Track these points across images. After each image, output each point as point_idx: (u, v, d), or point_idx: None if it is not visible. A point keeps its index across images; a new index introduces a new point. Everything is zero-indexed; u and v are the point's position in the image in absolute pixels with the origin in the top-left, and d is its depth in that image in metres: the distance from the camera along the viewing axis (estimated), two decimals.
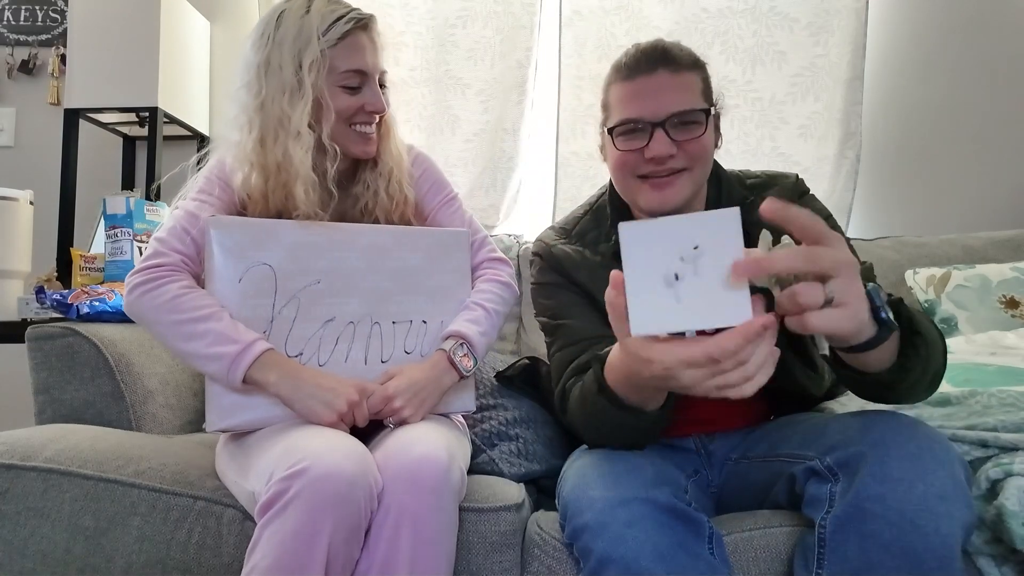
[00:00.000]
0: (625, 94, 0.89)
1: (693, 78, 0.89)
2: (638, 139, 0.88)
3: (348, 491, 0.72)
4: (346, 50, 0.97)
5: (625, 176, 0.92)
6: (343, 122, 0.99)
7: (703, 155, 0.89)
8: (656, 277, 0.48)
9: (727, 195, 0.96)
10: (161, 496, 0.89)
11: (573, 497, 0.78)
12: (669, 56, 0.88)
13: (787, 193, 0.94)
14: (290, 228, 0.94)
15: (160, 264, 0.93)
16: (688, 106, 0.87)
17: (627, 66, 0.90)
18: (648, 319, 0.49)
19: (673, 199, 0.88)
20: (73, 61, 1.78)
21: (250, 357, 0.86)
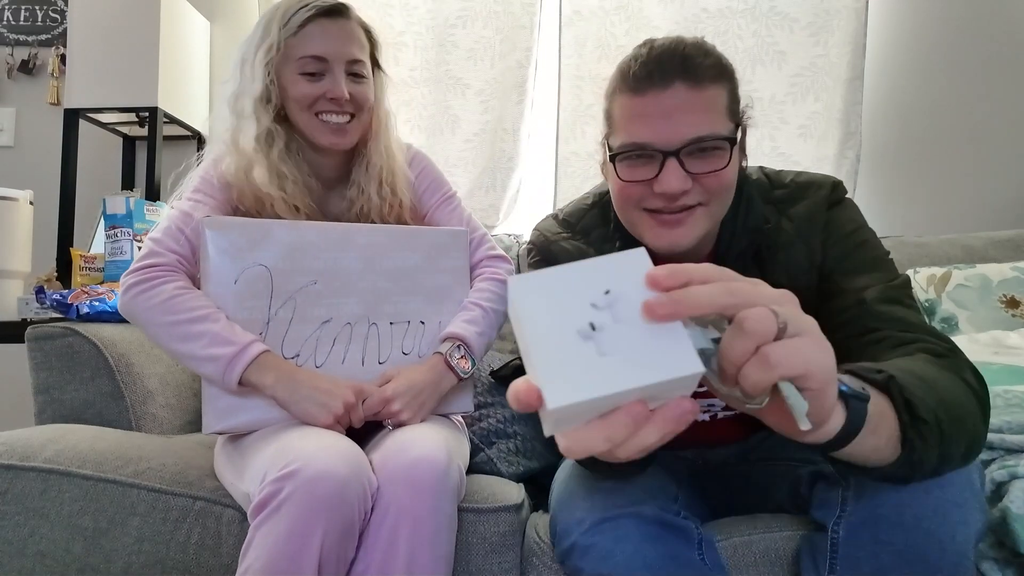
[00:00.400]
0: (632, 111, 0.74)
1: (717, 93, 0.73)
2: (646, 168, 0.73)
3: (341, 492, 0.72)
4: (305, 37, 0.97)
5: (629, 208, 0.78)
6: (306, 111, 0.98)
7: (724, 189, 0.75)
8: (567, 331, 0.35)
9: (744, 220, 0.81)
10: (160, 496, 0.89)
11: (560, 516, 0.77)
12: (689, 65, 0.71)
13: (815, 208, 0.81)
14: (286, 228, 0.94)
15: (155, 264, 0.93)
16: (708, 131, 0.71)
17: (636, 76, 0.73)
18: (569, 385, 0.34)
19: (685, 239, 0.75)
20: (73, 61, 1.78)
21: (246, 359, 0.86)
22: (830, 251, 0.78)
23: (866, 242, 0.79)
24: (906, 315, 0.70)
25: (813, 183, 0.83)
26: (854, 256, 0.78)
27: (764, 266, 0.80)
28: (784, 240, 0.80)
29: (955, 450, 0.55)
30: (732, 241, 0.81)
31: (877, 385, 0.51)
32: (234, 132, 0.99)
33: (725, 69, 0.75)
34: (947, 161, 1.82)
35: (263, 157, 0.97)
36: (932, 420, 0.52)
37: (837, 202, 0.82)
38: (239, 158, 0.97)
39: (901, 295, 0.73)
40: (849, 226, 0.80)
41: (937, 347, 0.65)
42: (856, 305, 0.72)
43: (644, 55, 0.74)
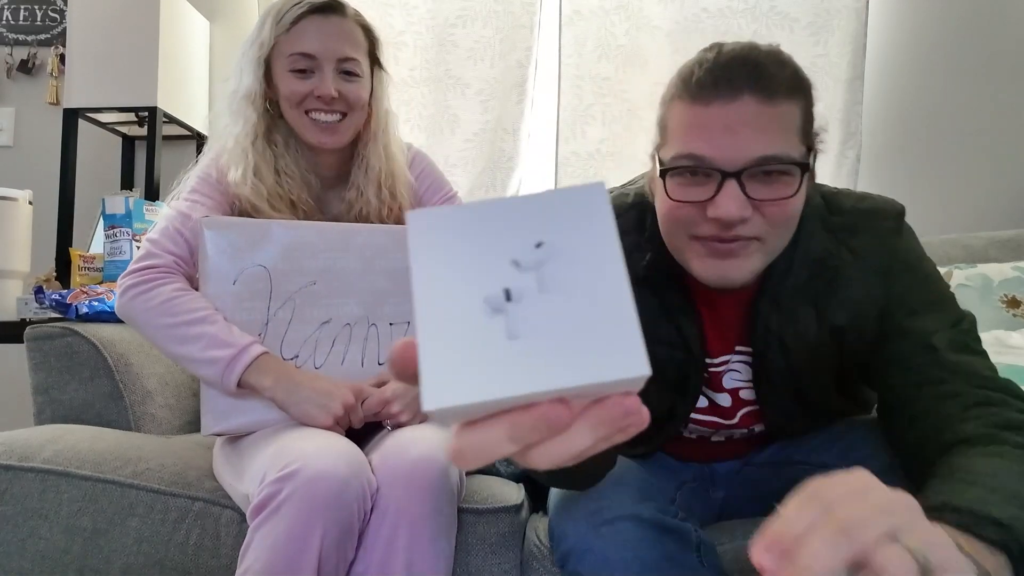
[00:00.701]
0: (691, 122, 0.65)
1: (791, 110, 0.64)
2: (701, 188, 0.64)
3: (340, 493, 0.72)
4: (296, 34, 0.96)
5: (676, 231, 0.68)
6: (296, 108, 0.98)
7: (786, 223, 0.66)
8: (470, 298, 0.25)
9: (805, 250, 0.72)
10: (159, 497, 0.89)
11: (558, 519, 0.77)
12: (762, 76, 0.62)
13: (880, 241, 0.73)
14: (284, 228, 0.94)
15: (153, 266, 0.92)
16: (778, 152, 0.62)
17: (700, 82, 0.64)
18: (454, 379, 0.24)
19: (738, 273, 0.66)
20: (72, 61, 1.78)
21: (245, 361, 0.86)
22: (893, 287, 0.71)
23: (929, 277, 0.72)
24: (979, 366, 0.66)
25: (877, 212, 0.74)
26: (917, 293, 0.71)
27: (820, 302, 0.73)
28: (845, 276, 0.72)
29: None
30: (788, 274, 0.73)
31: (991, 542, 0.46)
32: (227, 129, 0.99)
33: (801, 83, 0.66)
34: (947, 161, 1.82)
35: (250, 153, 0.97)
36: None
37: (899, 233, 0.74)
38: (230, 155, 0.98)
39: (969, 340, 0.67)
40: (912, 259, 0.72)
41: (1015, 413, 0.60)
42: (924, 352, 0.67)
43: (711, 60, 0.64)
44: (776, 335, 0.74)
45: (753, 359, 0.77)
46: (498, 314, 0.25)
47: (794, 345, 0.74)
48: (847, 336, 0.74)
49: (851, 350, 0.74)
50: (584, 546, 0.71)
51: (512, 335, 0.24)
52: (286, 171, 0.99)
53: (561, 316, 0.25)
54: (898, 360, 0.69)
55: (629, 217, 0.79)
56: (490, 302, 0.25)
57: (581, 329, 0.25)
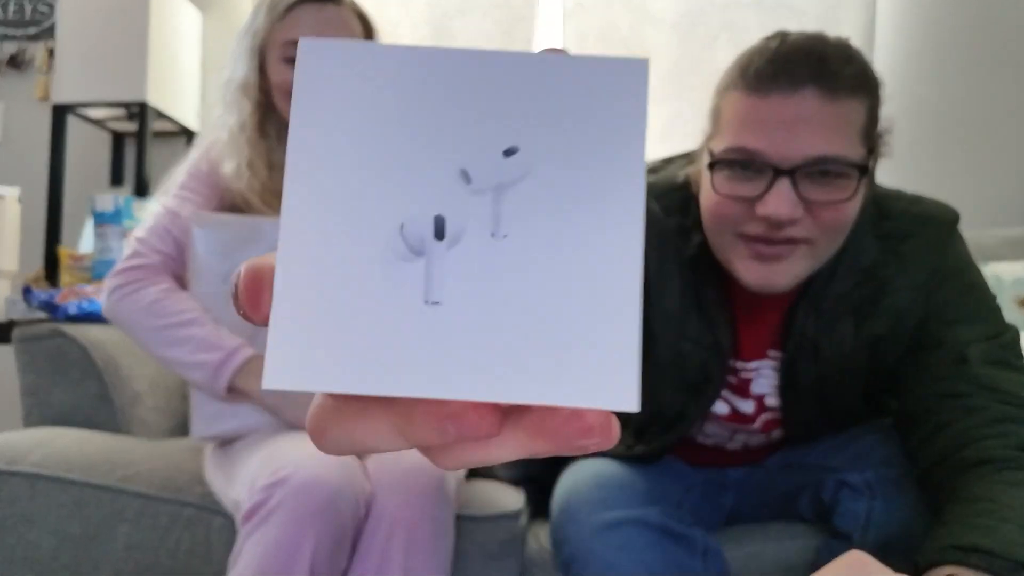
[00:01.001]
0: (747, 113, 0.61)
1: (855, 109, 0.60)
2: (751, 184, 0.61)
3: (332, 501, 0.71)
4: (289, 22, 0.94)
5: (721, 228, 0.65)
6: (287, 99, 0.94)
7: (840, 228, 0.63)
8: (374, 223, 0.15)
9: (853, 259, 0.69)
10: (149, 502, 0.87)
11: (560, 524, 0.76)
12: (827, 69, 0.59)
13: (929, 249, 0.70)
14: (277, 226, 0.91)
15: (140, 266, 0.90)
16: (837, 152, 0.59)
17: (759, 73, 0.60)
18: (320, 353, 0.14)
19: (782, 278, 0.63)
20: (62, 54, 1.75)
21: (234, 365, 0.84)
22: (935, 296, 0.69)
23: (973, 286, 0.69)
24: (1010, 382, 0.63)
25: (929, 218, 0.71)
26: (958, 302, 0.68)
27: (861, 312, 0.70)
28: (891, 284, 0.69)
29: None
30: (832, 280, 0.69)
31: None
32: (221, 120, 0.97)
33: (868, 81, 0.62)
34: (958, 157, 1.80)
35: (244, 146, 0.94)
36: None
37: (951, 240, 0.71)
38: (224, 147, 0.96)
39: (1008, 355, 0.65)
40: (959, 268, 0.70)
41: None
42: (954, 363, 0.65)
43: (772, 50, 0.61)
44: (811, 342, 0.71)
45: (783, 365, 0.74)
46: (416, 258, 0.15)
47: (828, 354, 0.71)
48: (882, 345, 0.71)
49: (884, 359, 0.72)
50: (587, 551, 0.70)
51: (430, 297, 0.15)
52: (280, 165, 0.97)
53: (518, 283, 0.15)
54: (927, 369, 0.67)
55: (678, 197, 0.73)
56: (407, 236, 0.15)
57: (545, 313, 0.14)
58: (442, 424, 0.15)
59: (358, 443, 0.16)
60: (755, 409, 0.78)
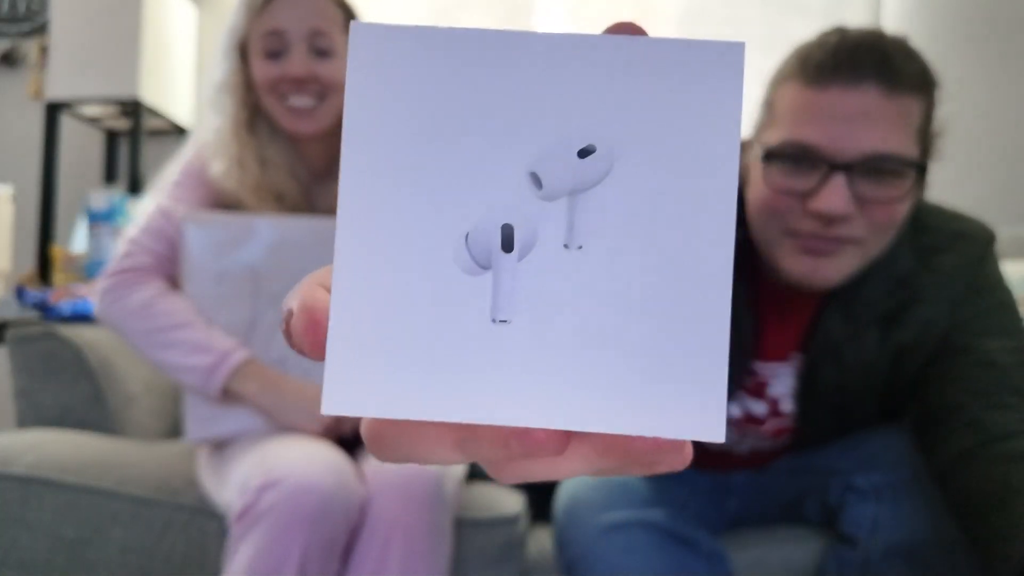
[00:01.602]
0: (804, 105, 0.61)
1: (914, 106, 0.60)
2: (804, 177, 0.60)
3: (324, 506, 0.70)
4: (266, 15, 0.92)
5: (769, 223, 0.64)
6: (270, 94, 0.92)
7: (890, 227, 0.62)
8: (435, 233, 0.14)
9: (888, 266, 0.68)
10: (144, 505, 0.87)
11: (564, 525, 0.75)
12: (889, 65, 0.59)
13: (964, 266, 0.70)
14: (271, 225, 0.90)
15: (131, 267, 0.89)
16: (894, 148, 0.59)
17: (819, 65, 0.60)
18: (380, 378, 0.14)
19: (829, 275, 0.63)
20: (54, 50, 1.74)
21: (227, 368, 0.83)
22: (963, 309, 0.69)
23: (1003, 305, 0.69)
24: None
25: (967, 236, 0.71)
26: (990, 317, 0.68)
27: (889, 320, 0.70)
28: (922, 296, 0.69)
29: None
30: (863, 286, 0.69)
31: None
32: (208, 121, 0.96)
33: (928, 80, 0.62)
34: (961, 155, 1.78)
35: (231, 145, 0.93)
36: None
37: (986, 259, 0.71)
38: (212, 148, 0.94)
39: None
40: (990, 285, 0.70)
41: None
42: (983, 367, 0.64)
43: (834, 43, 0.60)
44: (835, 347, 0.70)
45: (803, 369, 0.73)
46: (482, 272, 0.14)
47: (851, 361, 0.71)
48: (905, 357, 0.71)
49: (905, 371, 0.71)
50: (592, 553, 0.69)
51: (498, 315, 0.14)
52: (272, 161, 0.95)
53: (594, 300, 0.13)
54: (953, 371, 0.66)
55: None
56: (472, 247, 0.14)
57: (624, 335, 0.13)
58: (507, 441, 0.14)
59: (418, 456, 0.16)
60: (768, 411, 0.78)
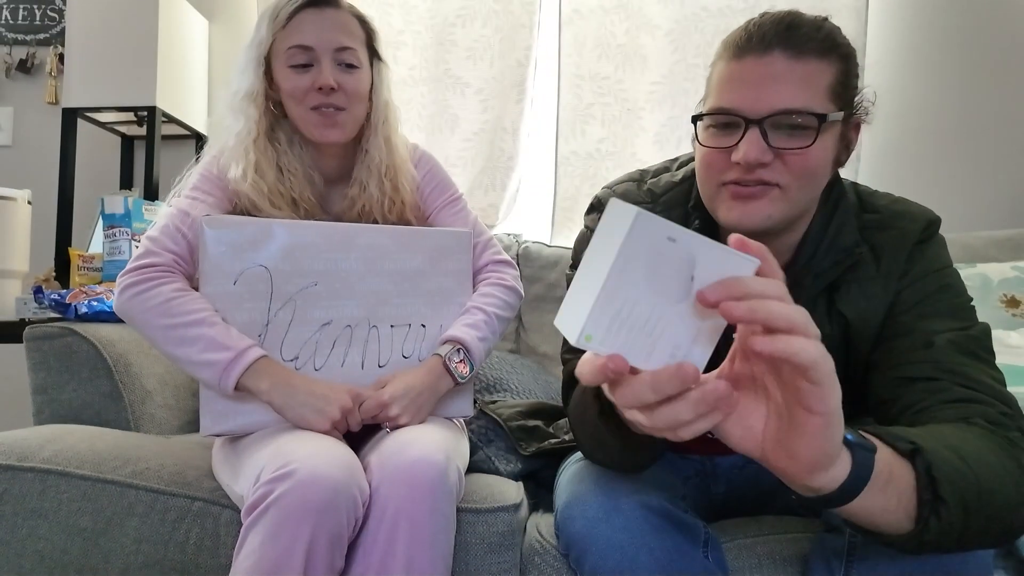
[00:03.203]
0: (727, 76, 0.70)
1: (821, 68, 0.67)
2: (729, 136, 0.69)
3: (332, 498, 0.72)
4: (292, 29, 0.97)
5: (708, 180, 0.73)
6: (300, 104, 0.97)
7: (806, 173, 0.69)
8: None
9: (834, 236, 0.75)
10: (159, 497, 0.88)
11: (566, 504, 0.77)
12: (793, 35, 0.67)
13: (902, 243, 0.75)
14: (286, 228, 0.93)
15: (152, 264, 0.92)
16: (799, 104, 0.66)
17: (737, 42, 0.70)
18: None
19: (755, 216, 0.69)
20: (71, 60, 1.78)
21: (242, 365, 0.85)
22: (906, 291, 0.73)
23: (949, 287, 0.73)
24: (977, 371, 0.65)
25: (907, 215, 0.77)
26: (932, 300, 0.72)
27: (837, 293, 0.75)
28: (863, 273, 0.74)
29: (981, 538, 0.53)
30: (815, 259, 0.75)
31: (902, 454, 0.50)
32: (228, 128, 0.99)
33: (838, 47, 0.69)
34: (947, 160, 1.82)
35: (251, 151, 0.97)
36: (955, 502, 0.50)
37: (926, 240, 0.76)
38: (231, 152, 0.98)
39: (975, 347, 0.67)
40: (934, 266, 0.74)
41: (996, 413, 0.60)
42: (922, 348, 0.67)
43: (752, 22, 0.71)
44: None
45: None
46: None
47: None
48: (852, 332, 0.74)
49: (857, 350, 0.74)
50: (592, 532, 0.71)
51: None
52: (288, 168, 0.99)
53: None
54: (895, 355, 0.69)
55: (679, 192, 0.83)
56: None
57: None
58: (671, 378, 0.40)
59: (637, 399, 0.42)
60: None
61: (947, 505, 0.49)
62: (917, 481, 0.50)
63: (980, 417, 0.60)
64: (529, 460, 1.07)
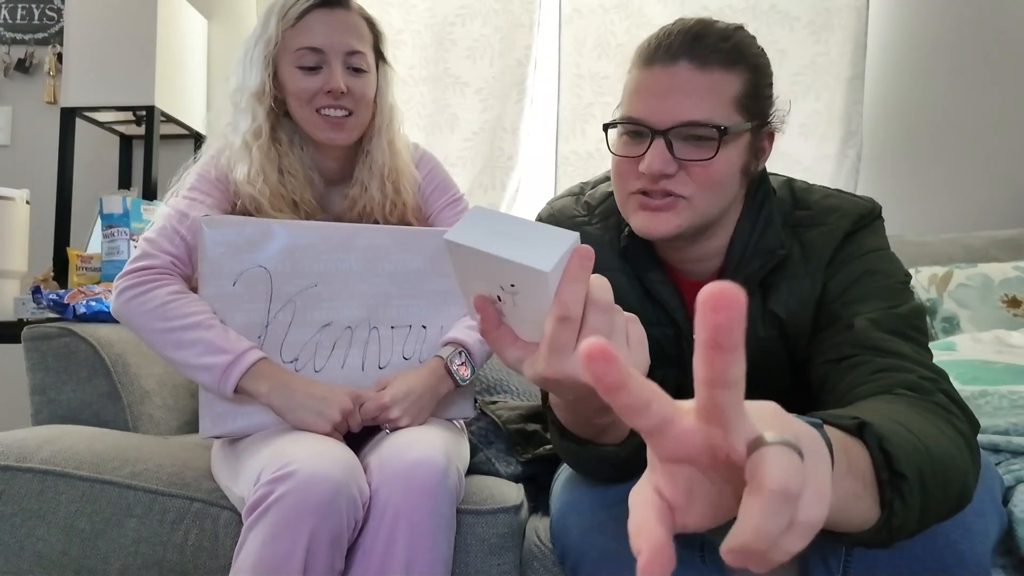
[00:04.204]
0: (637, 85, 0.71)
1: (726, 80, 0.68)
2: (638, 145, 0.70)
3: (332, 499, 0.72)
4: (302, 29, 0.95)
5: (619, 188, 0.75)
6: (307, 105, 0.96)
7: (711, 184, 0.69)
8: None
9: (759, 238, 0.75)
10: (157, 498, 0.88)
11: (559, 513, 0.76)
12: (698, 45, 0.68)
13: (829, 238, 0.74)
14: (286, 229, 0.92)
15: (149, 267, 0.92)
16: (701, 116, 0.67)
17: (648, 50, 0.71)
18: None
19: (662, 227, 0.70)
20: (69, 60, 1.77)
21: (241, 368, 0.85)
22: (831, 282, 0.73)
23: (876, 271, 0.72)
24: (897, 345, 0.63)
25: (838, 209, 0.76)
26: (858, 285, 0.71)
27: (769, 293, 0.75)
28: (791, 271, 0.74)
29: (939, 508, 0.51)
30: (742, 261, 0.76)
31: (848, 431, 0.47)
32: (231, 127, 0.98)
33: (745, 58, 0.70)
34: (948, 160, 1.82)
35: (255, 152, 0.96)
36: (914, 476, 0.47)
37: (856, 231, 0.75)
38: (233, 152, 0.97)
39: (900, 325, 0.66)
40: (859, 252, 0.73)
41: (917, 378, 0.59)
42: (844, 330, 0.67)
43: (663, 31, 0.71)
44: None
45: None
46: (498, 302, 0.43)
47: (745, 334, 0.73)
48: (788, 330, 0.74)
49: (796, 346, 0.74)
50: (586, 541, 0.71)
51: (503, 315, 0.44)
52: (290, 170, 0.99)
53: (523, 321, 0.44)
54: (822, 342, 0.69)
55: (610, 203, 0.82)
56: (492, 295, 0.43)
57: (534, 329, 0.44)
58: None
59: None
60: None
61: (907, 481, 0.46)
62: (873, 460, 0.46)
63: (901, 386, 0.59)
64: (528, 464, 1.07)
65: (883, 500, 0.46)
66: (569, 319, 0.39)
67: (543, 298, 0.39)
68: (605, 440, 0.60)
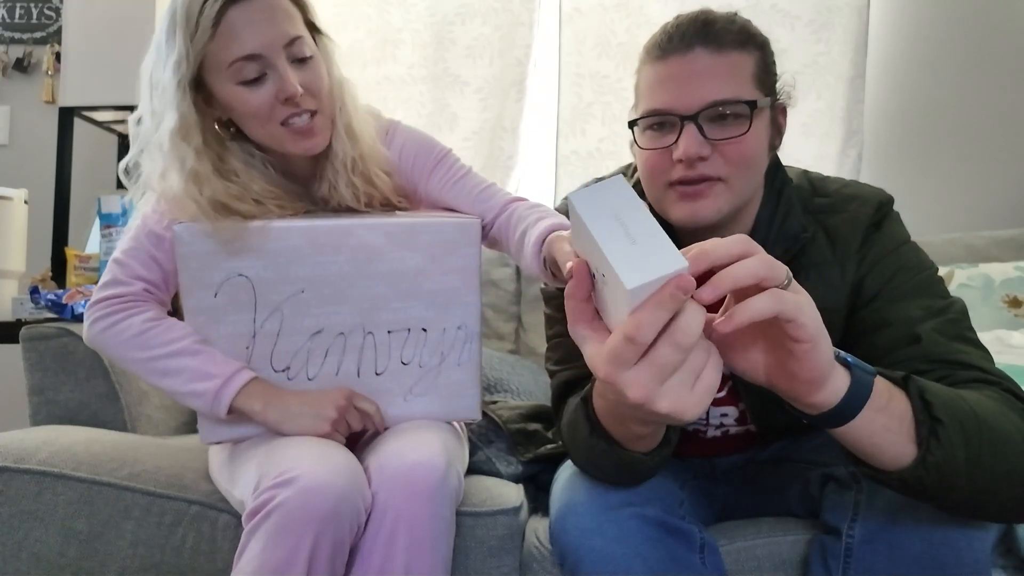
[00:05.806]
0: (654, 79, 0.73)
1: (742, 59, 0.71)
2: (666, 136, 0.71)
3: (335, 507, 0.71)
4: (224, 38, 0.78)
5: (653, 182, 0.75)
6: (268, 123, 0.83)
7: (745, 161, 0.71)
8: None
9: (781, 224, 0.77)
10: (155, 500, 0.88)
11: (559, 515, 0.76)
12: (710, 31, 0.71)
13: (855, 225, 0.76)
14: (266, 232, 0.84)
15: (119, 295, 0.87)
16: (728, 95, 0.69)
17: (659, 44, 0.73)
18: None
19: (706, 212, 0.72)
20: (68, 59, 1.77)
21: (231, 391, 0.83)
22: (868, 274, 0.73)
23: (912, 265, 0.74)
24: (968, 356, 0.65)
25: (858, 197, 0.78)
26: (898, 280, 0.72)
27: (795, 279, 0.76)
28: (819, 257, 0.75)
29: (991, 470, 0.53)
30: (765, 247, 0.75)
31: (895, 383, 0.52)
32: (162, 174, 0.82)
33: (753, 37, 0.73)
34: (949, 160, 1.81)
35: (197, 198, 0.81)
36: (951, 422, 0.51)
37: (880, 221, 0.77)
38: (176, 205, 0.82)
39: (960, 328, 0.67)
40: (893, 246, 0.75)
41: (990, 378, 0.61)
42: (909, 344, 0.67)
43: (669, 25, 0.74)
44: None
45: None
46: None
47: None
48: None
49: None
50: (586, 543, 0.71)
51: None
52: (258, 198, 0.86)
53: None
54: (880, 350, 0.69)
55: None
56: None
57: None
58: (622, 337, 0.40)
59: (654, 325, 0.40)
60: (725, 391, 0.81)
61: (943, 425, 0.51)
62: (912, 406, 0.51)
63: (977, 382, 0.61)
64: (529, 463, 1.06)
65: (919, 437, 0.51)
66: (635, 342, 0.39)
67: (624, 305, 0.39)
68: (636, 447, 0.63)
